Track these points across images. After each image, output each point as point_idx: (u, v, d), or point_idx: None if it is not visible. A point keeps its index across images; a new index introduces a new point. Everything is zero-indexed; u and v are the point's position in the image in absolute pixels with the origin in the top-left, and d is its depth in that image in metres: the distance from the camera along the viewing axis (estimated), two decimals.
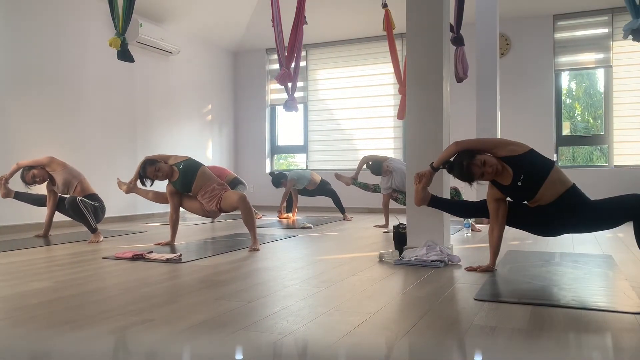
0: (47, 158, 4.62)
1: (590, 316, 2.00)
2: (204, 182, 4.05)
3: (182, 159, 4.12)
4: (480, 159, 2.73)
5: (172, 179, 4.06)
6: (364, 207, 7.53)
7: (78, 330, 1.89)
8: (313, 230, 5.32)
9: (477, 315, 2.02)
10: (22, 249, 4.00)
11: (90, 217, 4.44)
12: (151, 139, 7.13)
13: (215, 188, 4.06)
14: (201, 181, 4.04)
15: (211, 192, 4.04)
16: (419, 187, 2.98)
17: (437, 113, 3.45)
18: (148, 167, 4.00)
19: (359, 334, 1.80)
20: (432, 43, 3.46)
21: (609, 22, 6.81)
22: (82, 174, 4.70)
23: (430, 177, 2.97)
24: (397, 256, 3.35)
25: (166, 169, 4.03)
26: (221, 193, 4.04)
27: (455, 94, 5.70)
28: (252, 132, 8.84)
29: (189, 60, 7.84)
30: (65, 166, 4.62)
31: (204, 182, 4.05)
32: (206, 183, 4.05)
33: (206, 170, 4.12)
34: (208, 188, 4.04)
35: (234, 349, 1.72)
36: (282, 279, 2.80)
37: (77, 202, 4.38)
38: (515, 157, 2.74)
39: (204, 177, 4.06)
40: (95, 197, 4.63)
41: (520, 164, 2.72)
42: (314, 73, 8.49)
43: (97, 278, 2.87)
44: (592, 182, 6.17)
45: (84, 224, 4.50)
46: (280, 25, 5.23)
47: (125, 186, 4.29)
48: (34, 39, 5.58)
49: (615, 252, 3.61)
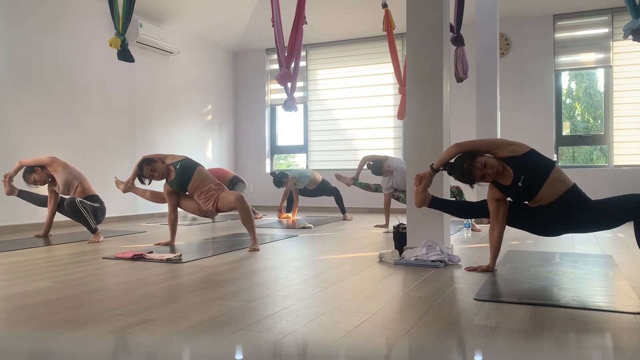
0: (49, 158, 4.62)
1: (590, 316, 2.00)
2: (200, 182, 4.04)
3: (179, 159, 4.12)
4: (481, 161, 2.73)
5: (169, 178, 4.06)
6: (364, 207, 7.52)
7: (78, 330, 1.89)
8: (313, 230, 5.32)
9: (477, 315, 2.02)
10: (22, 249, 4.00)
11: (90, 218, 4.44)
12: (151, 139, 7.13)
13: (212, 188, 4.05)
14: (198, 181, 4.04)
15: (207, 192, 4.03)
16: (419, 189, 2.98)
17: (437, 113, 3.45)
18: (145, 167, 4.00)
19: (359, 334, 1.80)
20: (432, 43, 3.46)
21: (609, 22, 6.81)
22: (83, 175, 4.70)
23: (430, 178, 2.97)
24: (397, 256, 3.35)
25: (162, 168, 4.03)
26: (218, 193, 4.03)
27: (455, 94, 5.70)
28: (252, 132, 8.85)
29: (189, 60, 7.84)
30: (66, 166, 4.63)
31: (201, 182, 4.04)
32: (202, 183, 4.05)
33: (203, 170, 4.12)
34: (204, 188, 4.04)
35: (234, 349, 1.72)
36: (282, 279, 2.80)
37: (76, 203, 4.38)
38: (516, 158, 2.73)
39: (201, 177, 4.06)
40: (95, 198, 4.63)
41: (521, 165, 2.72)
42: (314, 73, 8.49)
43: (97, 278, 2.87)
44: (592, 182, 6.17)
45: (83, 225, 4.50)
46: (280, 25, 5.23)
47: (123, 185, 4.29)
48: (33, 39, 5.58)
49: (615, 252, 3.61)
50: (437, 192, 3.43)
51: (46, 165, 4.59)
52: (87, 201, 4.48)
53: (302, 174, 6.59)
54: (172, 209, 4.13)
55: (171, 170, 4.06)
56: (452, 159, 2.87)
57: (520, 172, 2.71)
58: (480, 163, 2.72)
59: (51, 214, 4.79)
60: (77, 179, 4.60)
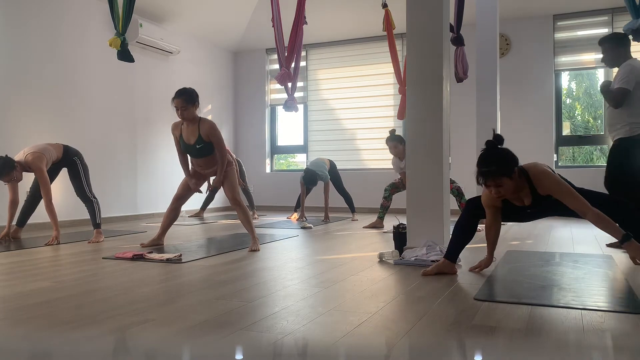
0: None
1: (590, 316, 2.00)
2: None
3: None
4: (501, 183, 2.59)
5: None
6: (364, 207, 7.52)
7: (78, 330, 1.89)
8: (313, 230, 5.31)
9: (477, 315, 2.02)
10: (22, 249, 4.00)
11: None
12: (151, 139, 7.13)
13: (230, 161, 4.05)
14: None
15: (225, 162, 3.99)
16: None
17: (437, 113, 3.45)
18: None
19: (359, 334, 1.80)
20: (432, 43, 3.46)
21: (609, 22, 6.81)
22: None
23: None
24: (397, 256, 3.35)
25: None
26: (229, 173, 4.01)
27: (455, 94, 5.70)
28: (252, 132, 8.84)
29: (189, 60, 7.84)
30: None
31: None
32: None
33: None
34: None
35: (234, 349, 1.72)
36: (282, 279, 2.80)
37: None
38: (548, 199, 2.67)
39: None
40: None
41: (545, 206, 2.73)
42: (314, 73, 8.49)
43: (97, 278, 2.87)
44: (592, 182, 6.13)
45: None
46: (280, 25, 5.23)
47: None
48: (33, 39, 5.58)
49: (615, 252, 3.61)
50: (437, 191, 3.43)
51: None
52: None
53: (320, 167, 6.29)
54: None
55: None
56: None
57: (539, 210, 2.77)
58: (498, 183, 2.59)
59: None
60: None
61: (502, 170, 2.56)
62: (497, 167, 2.56)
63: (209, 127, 3.91)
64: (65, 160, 4.53)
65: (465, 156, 6.01)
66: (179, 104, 3.84)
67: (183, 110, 3.84)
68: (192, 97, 3.87)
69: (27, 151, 4.33)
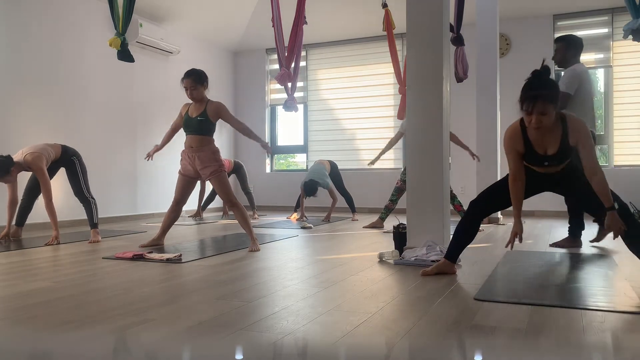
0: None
1: (590, 316, 2.00)
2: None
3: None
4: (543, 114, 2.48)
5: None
6: (364, 207, 7.52)
7: (78, 330, 1.88)
8: (313, 230, 5.32)
9: (477, 315, 2.02)
10: (22, 249, 4.00)
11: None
12: (151, 139, 7.12)
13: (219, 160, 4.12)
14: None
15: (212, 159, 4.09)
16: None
17: (437, 113, 3.45)
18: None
19: (359, 334, 1.80)
20: (432, 43, 3.46)
21: (609, 22, 6.82)
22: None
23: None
24: (397, 256, 3.35)
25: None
26: (220, 170, 4.05)
27: (455, 94, 5.69)
28: None
29: (189, 60, 7.83)
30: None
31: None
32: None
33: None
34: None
35: (234, 349, 1.72)
36: (282, 279, 2.80)
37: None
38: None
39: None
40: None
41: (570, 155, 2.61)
42: (314, 73, 8.49)
43: (97, 278, 2.86)
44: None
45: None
46: (280, 25, 5.23)
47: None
48: (33, 39, 5.58)
49: (615, 252, 3.61)
50: (437, 191, 3.43)
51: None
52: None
53: (321, 174, 6.27)
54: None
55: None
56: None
57: (558, 162, 2.62)
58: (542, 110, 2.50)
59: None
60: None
61: (551, 96, 2.48)
62: (549, 91, 2.48)
63: (217, 105, 4.01)
64: (63, 159, 4.53)
65: (466, 156, 6.01)
66: (188, 84, 3.90)
67: (192, 89, 3.91)
68: (201, 78, 3.94)
69: (25, 151, 4.33)
